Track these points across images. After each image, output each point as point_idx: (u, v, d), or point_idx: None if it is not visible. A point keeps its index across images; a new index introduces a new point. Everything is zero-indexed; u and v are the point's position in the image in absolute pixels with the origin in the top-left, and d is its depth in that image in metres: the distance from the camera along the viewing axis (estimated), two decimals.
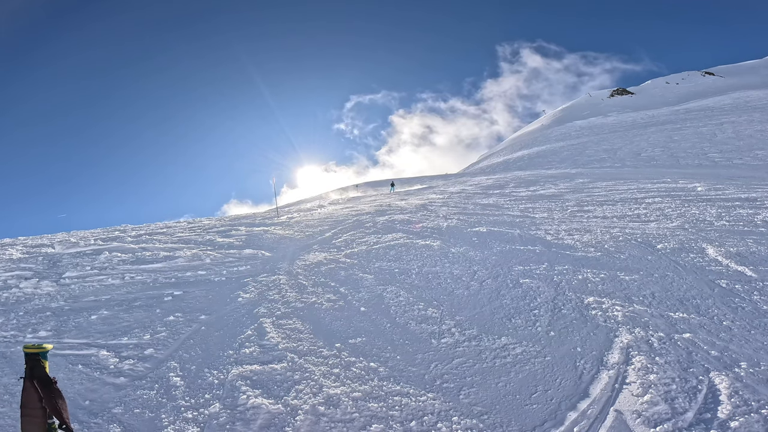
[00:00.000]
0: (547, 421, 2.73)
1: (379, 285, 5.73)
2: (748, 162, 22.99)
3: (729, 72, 78.24)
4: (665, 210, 8.96)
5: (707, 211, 8.32)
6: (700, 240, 6.28)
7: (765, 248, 5.53)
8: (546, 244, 7.11)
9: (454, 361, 3.59)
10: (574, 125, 58.54)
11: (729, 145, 28.42)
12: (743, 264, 5.06)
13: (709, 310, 4.05)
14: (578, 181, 16.69)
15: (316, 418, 2.87)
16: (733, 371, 3.00)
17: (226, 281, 6.20)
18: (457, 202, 14.59)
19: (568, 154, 39.81)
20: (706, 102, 48.97)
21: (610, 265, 5.64)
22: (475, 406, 2.95)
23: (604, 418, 2.67)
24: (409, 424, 2.77)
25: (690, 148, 29.80)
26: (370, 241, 8.42)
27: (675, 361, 3.22)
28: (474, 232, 8.60)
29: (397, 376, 3.39)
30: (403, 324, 4.46)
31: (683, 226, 7.37)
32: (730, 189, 10.84)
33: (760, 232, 6.35)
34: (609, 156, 34.32)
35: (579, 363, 3.40)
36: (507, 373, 3.34)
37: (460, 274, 5.98)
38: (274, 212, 16.40)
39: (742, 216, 7.53)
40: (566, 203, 11.67)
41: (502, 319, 4.42)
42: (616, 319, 4.06)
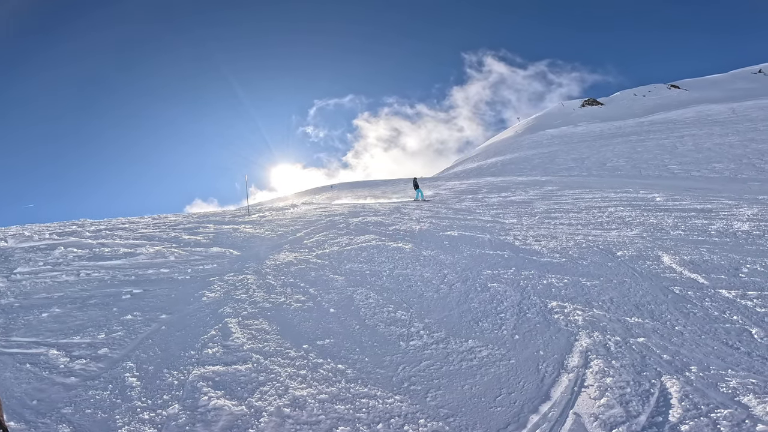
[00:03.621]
0: (511, 424, 2.78)
1: (349, 286, 5.70)
2: (705, 174, 24.37)
3: (693, 85, 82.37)
4: (626, 219, 9.37)
5: (664, 220, 8.76)
6: (657, 248, 6.60)
7: (717, 257, 5.86)
8: (514, 249, 7.28)
9: (422, 364, 3.61)
10: (546, 134, 60.33)
11: (688, 158, 30.03)
12: (696, 272, 5.34)
13: (662, 315, 4.24)
14: (547, 189, 17.20)
15: (281, 420, 2.82)
16: (684, 375, 3.13)
17: (190, 280, 6.01)
18: (430, 206, 14.73)
19: (539, 161, 40.99)
20: (670, 115, 51.43)
21: (573, 271, 5.83)
22: (441, 408, 2.97)
23: (564, 421, 2.74)
24: (376, 426, 2.77)
25: (652, 160, 31.29)
26: (342, 242, 8.36)
27: (630, 365, 3.34)
28: (446, 236, 8.70)
29: (365, 378, 3.38)
30: (372, 326, 4.45)
31: (642, 234, 7.73)
32: (687, 200, 11.46)
33: (714, 242, 6.73)
34: (577, 165, 35.58)
35: (541, 366, 3.49)
36: (473, 376, 3.38)
37: (430, 277, 6.02)
38: (244, 210, 16.04)
39: (696, 226, 7.97)
40: (535, 210, 12.00)
41: (469, 322, 4.48)
42: (576, 324, 4.20)
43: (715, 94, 64.30)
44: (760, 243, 6.43)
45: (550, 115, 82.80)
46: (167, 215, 15.08)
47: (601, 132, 51.11)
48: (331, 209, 14.99)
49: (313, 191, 30.18)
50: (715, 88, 71.93)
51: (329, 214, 13.29)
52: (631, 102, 78.60)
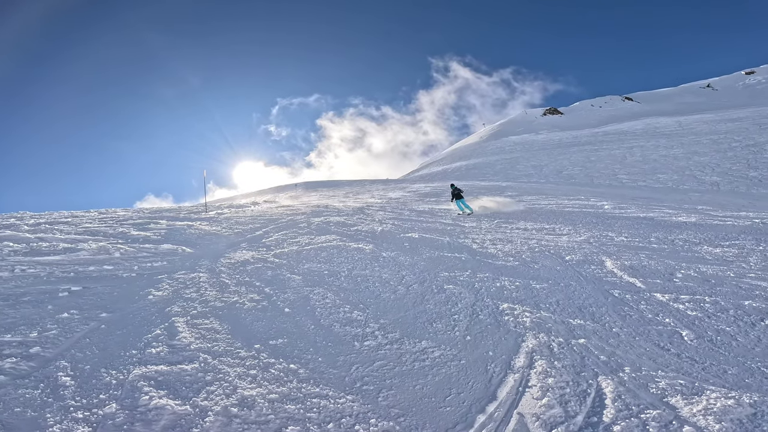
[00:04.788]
0: (459, 424, 2.82)
1: (306, 286, 5.63)
2: (650, 184, 26.11)
3: (646, 98, 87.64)
4: (576, 225, 9.87)
5: (611, 227, 9.32)
6: (601, 253, 7.00)
7: (654, 263, 6.29)
8: (472, 252, 7.47)
9: (375, 364, 3.62)
10: (509, 140, 62.46)
11: (636, 168, 32.07)
12: (634, 276, 5.70)
13: (602, 317, 4.48)
14: (507, 194, 17.80)
15: (227, 420, 2.76)
16: (618, 376, 3.28)
17: (136, 277, 5.71)
18: (394, 207, 14.84)
19: (501, 167, 42.36)
20: (622, 126, 54.68)
21: (524, 274, 6.06)
22: (392, 408, 2.99)
23: (509, 421, 2.82)
24: (327, 426, 2.75)
25: (603, 169, 33.16)
26: (302, 242, 8.25)
27: (570, 366, 3.48)
28: (406, 238, 8.79)
29: (317, 378, 3.35)
30: (327, 326, 4.42)
31: (589, 240, 8.17)
32: (632, 208, 12.23)
33: (652, 248, 7.23)
34: (536, 172, 37.10)
35: (490, 367, 3.58)
36: (425, 376, 3.42)
37: (388, 278, 6.06)
38: (201, 207, 15.46)
39: (638, 233, 8.52)
40: (496, 215, 12.38)
41: (424, 323, 4.54)
42: (524, 325, 4.35)
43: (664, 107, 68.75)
44: (696, 250, 6.97)
45: (513, 123, 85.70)
46: (115, 210, 14.24)
47: (559, 141, 53.56)
48: (294, 208, 14.76)
49: (276, 189, 29.56)
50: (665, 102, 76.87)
51: (291, 212, 13.07)
52: (589, 112, 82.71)
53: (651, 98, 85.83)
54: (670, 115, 57.70)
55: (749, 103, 58.49)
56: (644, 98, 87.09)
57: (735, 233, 8.02)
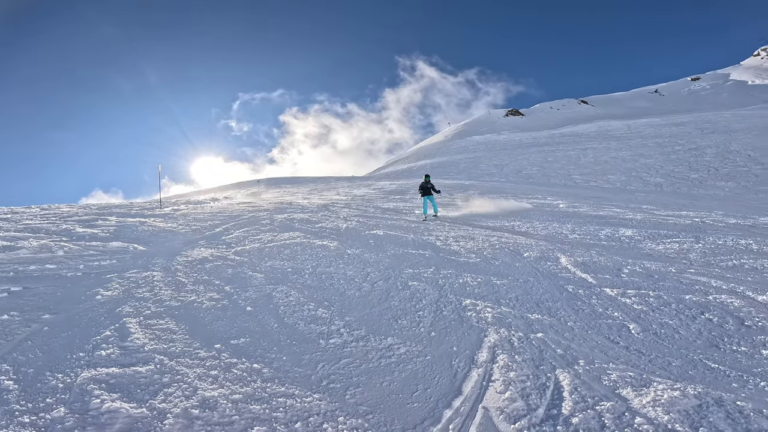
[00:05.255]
0: (427, 419, 2.85)
1: (269, 284, 5.50)
2: (601, 185, 27.67)
3: (600, 102, 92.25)
4: (534, 222, 10.29)
5: (565, 225, 9.78)
6: (557, 250, 7.34)
7: (604, 259, 6.67)
8: (435, 249, 7.60)
9: (342, 362, 3.60)
10: (472, 140, 64.00)
11: (589, 169, 33.86)
12: (586, 272, 6.02)
13: (558, 312, 4.70)
14: (470, 193, 18.25)
15: (188, 422, 2.66)
16: (574, 368, 3.42)
17: (82, 277, 5.35)
18: (359, 205, 14.80)
19: (465, 166, 43.35)
20: (577, 128, 57.52)
21: (486, 270, 6.25)
22: (360, 405, 2.98)
23: (474, 415, 2.88)
24: (294, 425, 2.72)
25: (559, 169, 34.76)
26: (264, 239, 8.05)
27: (530, 359, 3.61)
28: (371, 235, 8.80)
29: (282, 378, 3.30)
30: (291, 324, 4.34)
31: (546, 237, 8.55)
32: (584, 207, 12.91)
33: (602, 245, 7.66)
34: (498, 171, 38.29)
35: (454, 362, 3.65)
36: (391, 373, 3.43)
37: (353, 275, 6.04)
38: (156, 203, 14.71)
39: (590, 231, 9.01)
40: (458, 210, 12.65)
41: (389, 320, 4.56)
42: (486, 320, 4.48)
43: (616, 111, 72.83)
44: (641, 247, 7.46)
45: (477, 122, 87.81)
46: (59, 206, 13.25)
47: (520, 141, 55.55)
48: (256, 205, 14.38)
49: (238, 186, 28.62)
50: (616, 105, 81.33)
51: (253, 209, 12.72)
52: (548, 114, 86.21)
53: (604, 102, 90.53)
54: (620, 118, 61.27)
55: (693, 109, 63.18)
56: (598, 102, 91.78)
57: (676, 231, 8.67)
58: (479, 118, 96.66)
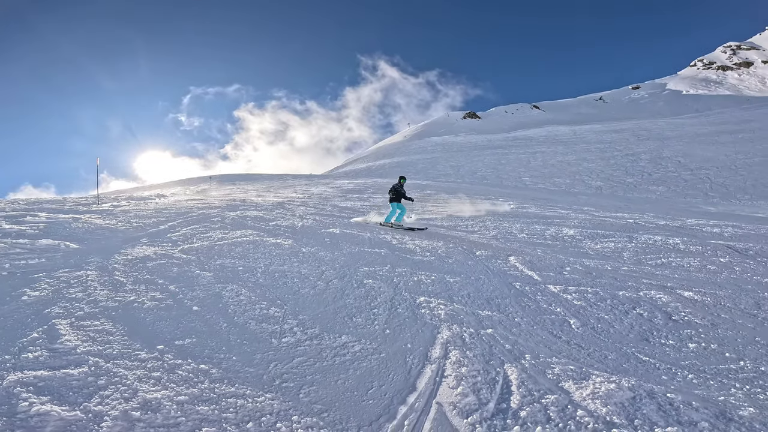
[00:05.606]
0: (382, 416, 2.86)
1: (218, 283, 5.28)
2: (548, 187, 29.24)
3: (550, 107, 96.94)
4: (486, 222, 10.67)
5: (514, 225, 10.23)
6: (507, 249, 7.67)
7: (549, 257, 7.06)
8: (391, 247, 7.66)
9: (295, 360, 3.55)
10: (431, 141, 65.20)
11: (537, 172, 35.67)
12: (533, 270, 6.33)
13: (506, 308, 4.90)
14: (426, 192, 18.58)
15: (129, 424, 2.53)
16: (520, 363, 3.56)
17: (7, 276, 4.86)
18: (316, 203, 14.60)
19: (422, 166, 44.09)
20: (528, 132, 60.31)
21: (440, 269, 6.39)
22: (315, 404, 2.95)
23: (429, 411, 2.92)
24: (246, 425, 2.65)
25: (511, 172, 36.34)
26: (214, 237, 7.71)
27: (480, 355, 3.72)
28: (327, 233, 8.71)
29: (232, 378, 3.19)
30: (241, 323, 4.21)
31: (497, 236, 8.90)
32: (532, 208, 13.59)
33: (547, 244, 8.09)
34: (454, 172, 39.33)
35: (409, 359, 3.69)
36: (346, 371, 3.42)
37: (308, 273, 5.95)
38: (93, 199, 13.64)
39: (536, 231, 9.49)
40: (413, 210, 12.84)
41: (344, 318, 4.55)
42: (439, 317, 4.57)
43: (564, 116, 77.00)
44: (581, 246, 7.96)
45: (436, 124, 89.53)
46: None
47: (476, 143, 57.35)
48: (206, 201, 13.76)
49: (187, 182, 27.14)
50: (565, 111, 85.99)
51: (203, 206, 12.16)
52: (502, 118, 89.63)
53: (554, 107, 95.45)
54: (568, 124, 64.97)
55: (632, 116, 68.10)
56: (549, 107, 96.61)
57: (612, 231, 9.34)
58: (438, 119, 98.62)
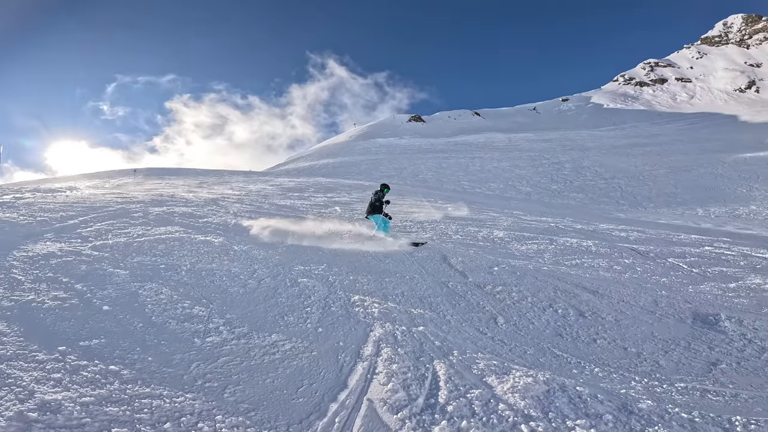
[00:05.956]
0: (312, 414, 2.85)
1: (134, 282, 4.89)
2: (484, 191, 30.82)
3: (490, 115, 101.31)
4: (424, 224, 10.98)
5: (450, 227, 10.63)
6: (441, 249, 7.94)
7: (480, 257, 7.41)
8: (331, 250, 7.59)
9: (220, 360, 3.44)
10: (375, 142, 65.65)
11: (475, 176, 37.45)
12: (465, 269, 6.61)
13: (438, 306, 5.06)
14: (368, 193, 18.64)
15: (25, 425, 2.38)
16: (449, 359, 3.68)
17: None
18: (253, 200, 14.05)
19: (366, 167, 44.29)
20: (468, 138, 62.94)
21: (376, 268, 6.44)
22: (241, 403, 2.88)
23: (360, 408, 2.95)
24: (163, 425, 2.54)
25: (451, 175, 37.77)
26: (133, 233, 7.11)
27: (411, 352, 3.81)
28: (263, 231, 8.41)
29: (146, 379, 3.04)
30: (160, 323, 3.98)
31: (432, 237, 9.19)
32: (467, 211, 14.19)
33: (479, 245, 8.50)
34: (397, 174, 39.99)
35: (341, 356, 3.70)
36: (275, 369, 3.37)
37: (238, 272, 5.70)
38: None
39: (470, 232, 9.94)
40: (354, 211, 12.86)
41: (275, 316, 4.45)
42: (373, 315, 4.62)
43: (501, 124, 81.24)
44: (508, 247, 8.46)
45: (381, 125, 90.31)
46: None
47: (419, 146, 58.77)
48: (128, 196, 12.64)
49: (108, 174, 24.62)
50: (502, 119, 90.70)
51: (123, 200, 11.16)
52: (445, 123, 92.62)
53: (493, 115, 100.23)
54: (504, 131, 68.82)
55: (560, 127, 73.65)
56: (488, 114, 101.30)
57: (536, 234, 10.05)
58: (384, 121, 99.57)
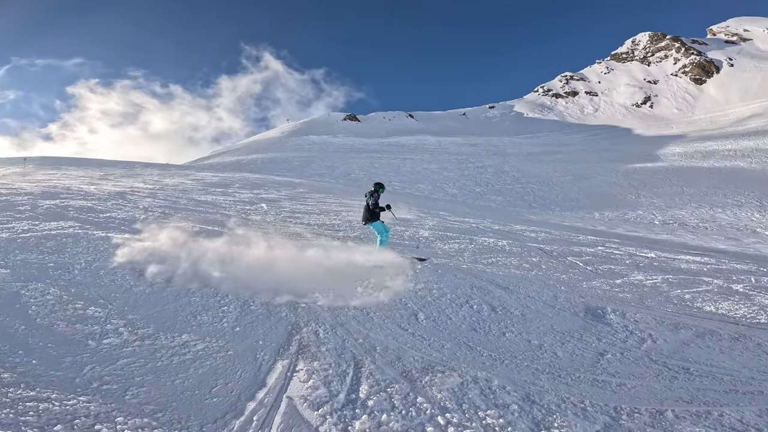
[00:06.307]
0: (228, 413, 2.78)
1: (16, 281, 4.34)
2: (413, 192, 31.81)
3: (423, 118, 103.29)
4: (352, 223, 11.02)
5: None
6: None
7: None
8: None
9: (119, 362, 3.22)
10: (308, 139, 64.27)
11: (406, 177, 38.47)
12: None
13: (362, 304, 5.03)
14: (299, 191, 18.25)
15: None
16: (371, 355, 3.74)
17: None
18: (168, 195, 13.01)
19: (297, 164, 43.29)
20: (401, 139, 64.00)
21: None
22: (146, 405, 2.74)
23: (279, 405, 2.91)
24: (53, 428, 2.39)
25: (383, 175, 38.37)
26: (17, 228, 6.22)
27: (333, 349, 3.82)
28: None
29: (31, 382, 2.81)
30: (47, 325, 3.63)
31: (360, 236, 9.26)
32: (397, 212, 14.51)
33: (405, 244, 8.77)
34: (329, 172, 39.66)
35: (259, 355, 3.61)
36: (186, 370, 3.23)
37: (145, 269, 5.26)
38: None
39: (397, 231, 10.16)
40: (282, 209, 12.50)
41: (186, 316, 4.21)
42: (295, 313, 4.55)
43: (433, 127, 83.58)
44: (433, 246, 8.83)
45: (315, 123, 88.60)
46: None
47: (352, 146, 58.73)
48: (15, 187, 11.00)
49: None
50: (434, 122, 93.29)
51: (8, 192, 9.72)
52: (380, 123, 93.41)
53: (426, 118, 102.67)
54: (435, 134, 71.09)
55: (486, 133, 77.72)
56: (421, 117, 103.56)
57: (459, 234, 10.61)
58: (319, 118, 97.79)
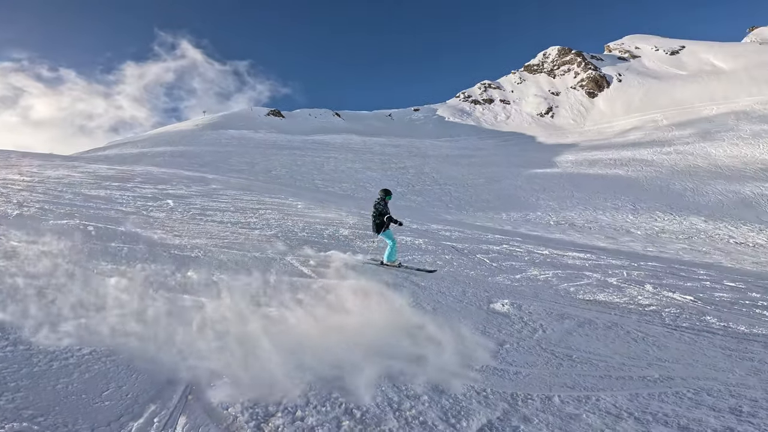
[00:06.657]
0: (124, 416, 2.62)
1: None
2: (336, 191, 31.74)
3: (349, 117, 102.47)
4: (270, 221, 10.66)
5: (297, 224, 10.58)
6: (286, 246, 7.83)
7: (323, 254, 7.56)
8: (151, 243, 6.74)
9: None
10: (227, 133, 60.42)
11: (329, 176, 38.18)
12: (307, 266, 6.65)
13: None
14: (212, 187, 17.12)
15: None
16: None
17: None
18: (50, 189, 11.35)
19: (212, 159, 40.58)
20: (326, 138, 62.98)
21: (209, 264, 5.96)
22: (24, 410, 2.53)
23: (183, 406, 2.79)
24: None
25: (306, 173, 37.67)
26: None
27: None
28: (58, 225, 6.89)
29: None
30: None
31: (277, 234, 8.99)
32: (317, 209, 14.40)
33: (324, 243, 8.71)
34: (248, 168, 37.81)
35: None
36: (69, 375, 2.97)
37: (15, 270, 4.57)
38: None
39: (317, 230, 10.12)
40: (192, 206, 11.63)
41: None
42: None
43: (359, 127, 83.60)
44: (352, 245, 8.91)
45: (236, 116, 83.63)
46: None
47: (275, 142, 56.54)
48: None
49: None
50: (360, 122, 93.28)
51: None
52: (305, 120, 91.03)
53: (352, 117, 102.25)
54: (360, 134, 71.19)
55: (409, 134, 79.56)
56: (348, 117, 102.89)
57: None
58: (240, 112, 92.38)
